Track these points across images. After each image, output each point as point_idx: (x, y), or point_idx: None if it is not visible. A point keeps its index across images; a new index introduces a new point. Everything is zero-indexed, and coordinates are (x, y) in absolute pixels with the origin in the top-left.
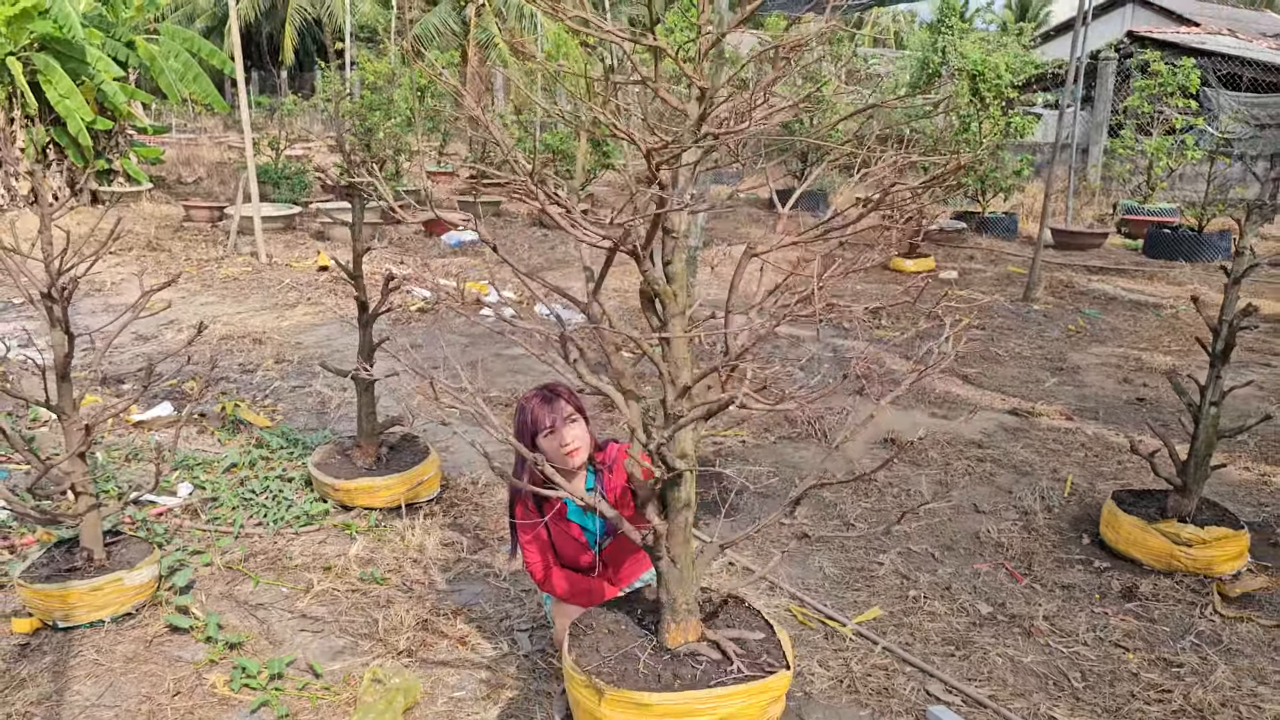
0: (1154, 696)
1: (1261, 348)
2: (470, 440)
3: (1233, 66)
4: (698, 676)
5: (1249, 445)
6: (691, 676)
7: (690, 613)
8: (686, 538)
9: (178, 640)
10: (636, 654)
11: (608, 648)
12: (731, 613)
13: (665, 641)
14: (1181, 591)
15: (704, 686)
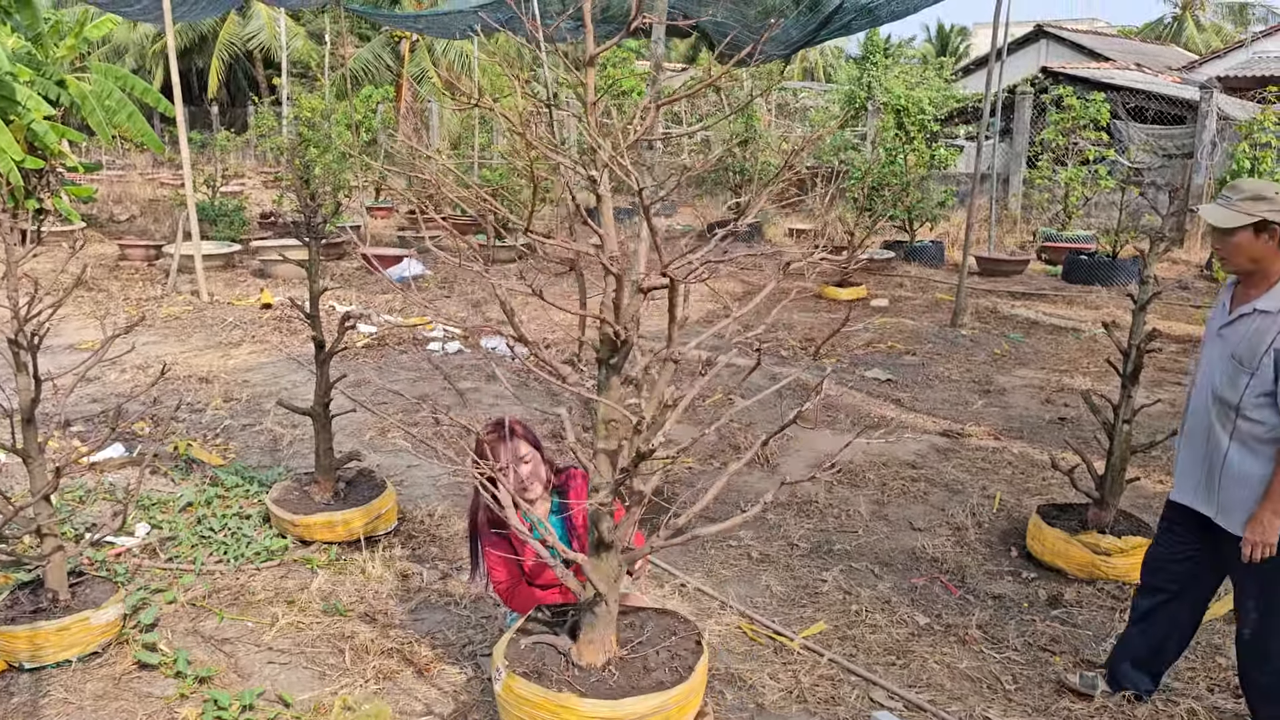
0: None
1: (1174, 367)
2: (426, 474)
3: (1140, 100)
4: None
5: (1162, 460)
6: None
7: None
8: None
9: (146, 677)
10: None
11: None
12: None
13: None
14: (1103, 598)
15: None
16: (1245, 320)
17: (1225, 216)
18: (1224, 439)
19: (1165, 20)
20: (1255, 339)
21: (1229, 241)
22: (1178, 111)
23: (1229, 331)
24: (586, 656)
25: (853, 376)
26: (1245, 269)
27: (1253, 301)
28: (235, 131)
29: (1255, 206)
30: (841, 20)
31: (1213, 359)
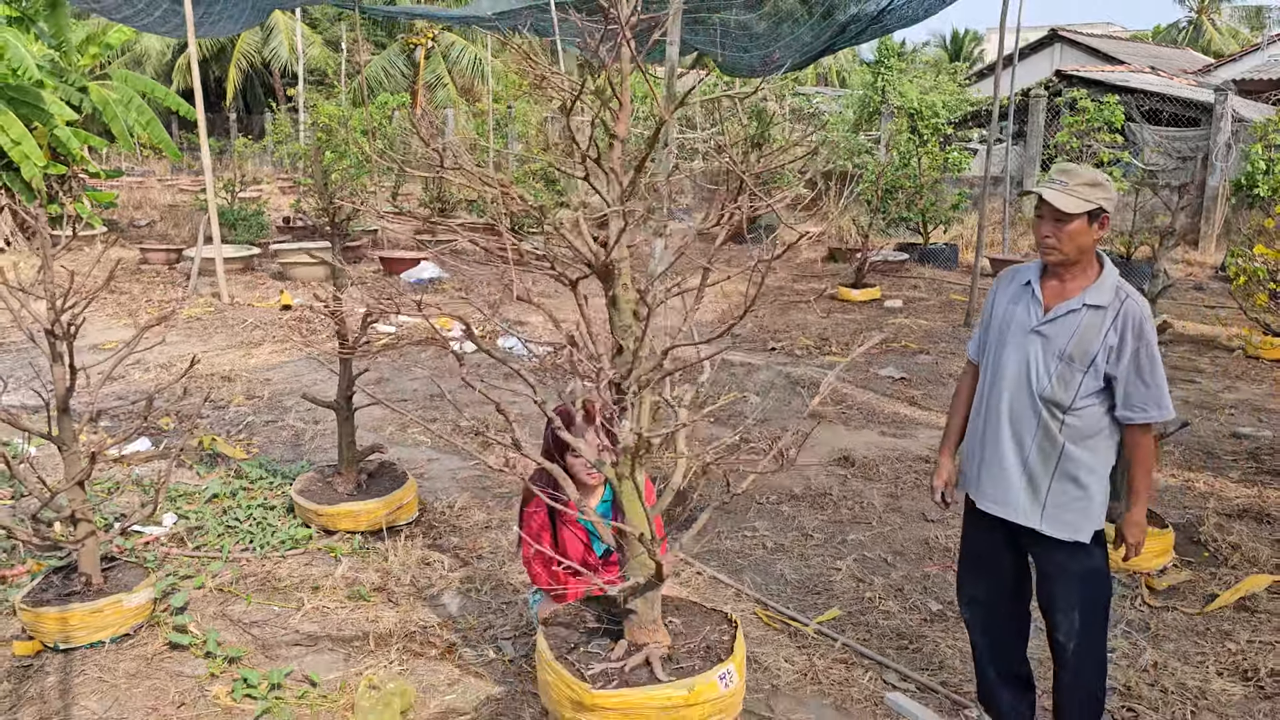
0: None
1: (1185, 365)
2: (445, 467)
3: (1154, 103)
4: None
5: (1174, 455)
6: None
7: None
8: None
9: (177, 657)
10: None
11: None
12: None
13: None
14: (1115, 586)
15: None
16: (1073, 316)
17: (1066, 201)
18: (1057, 440)
19: (1181, 24)
20: (1087, 335)
21: (1063, 228)
22: (1192, 114)
23: (1051, 329)
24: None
25: (866, 375)
26: (1070, 258)
27: (1080, 296)
28: (253, 139)
29: (1092, 193)
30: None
31: (1028, 360)
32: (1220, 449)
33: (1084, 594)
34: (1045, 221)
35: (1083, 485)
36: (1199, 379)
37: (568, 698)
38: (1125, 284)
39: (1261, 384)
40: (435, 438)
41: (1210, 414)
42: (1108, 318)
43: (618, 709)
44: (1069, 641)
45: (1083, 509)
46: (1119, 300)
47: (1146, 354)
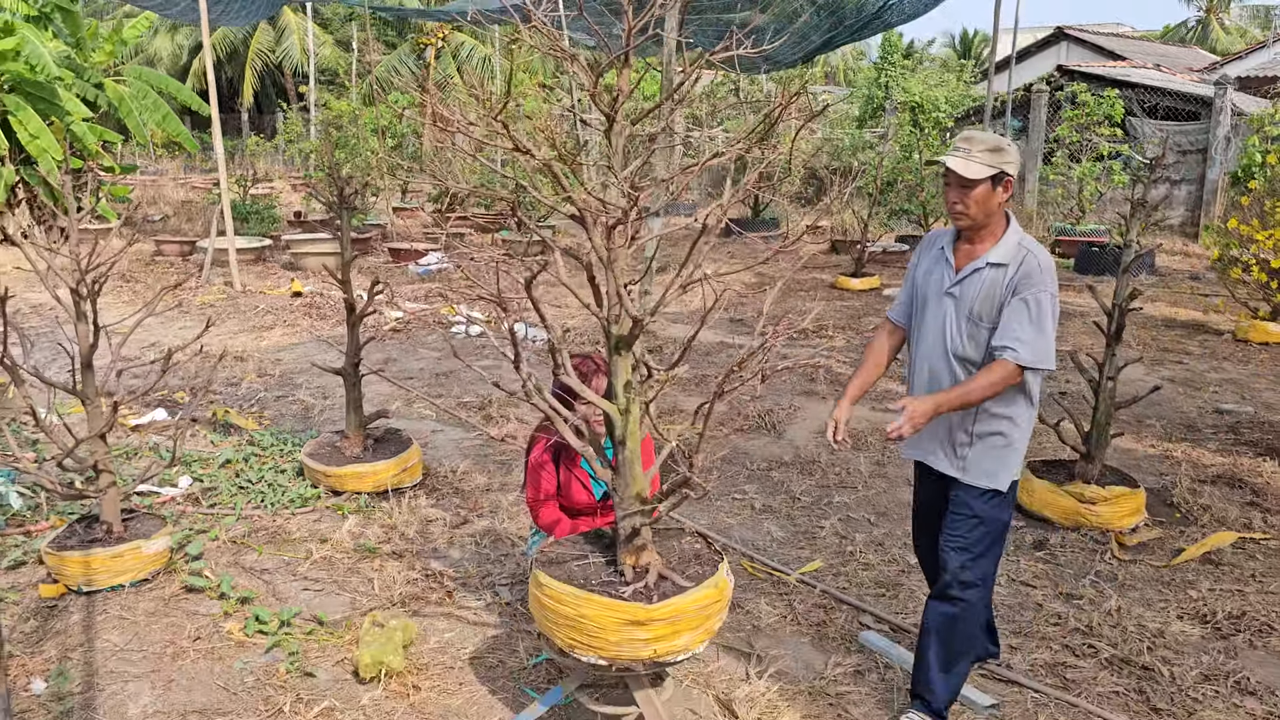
0: (1054, 621)
1: (1176, 348)
2: (449, 438)
3: (1155, 97)
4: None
5: (1155, 427)
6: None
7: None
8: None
9: (193, 598)
10: (586, 558)
11: (566, 552)
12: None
13: (621, 558)
14: (1086, 542)
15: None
16: (977, 275)
17: (970, 167)
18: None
19: (1189, 23)
20: (990, 292)
21: (968, 193)
22: (1192, 108)
23: (960, 290)
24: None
25: (860, 355)
26: (978, 222)
27: (983, 256)
28: (265, 138)
29: (995, 158)
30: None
31: (944, 321)
32: (1202, 423)
33: (982, 537)
34: (952, 188)
35: (1001, 436)
36: (1187, 360)
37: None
38: (1029, 240)
39: (1247, 365)
40: (440, 411)
41: (1195, 391)
42: (1008, 274)
43: (668, 618)
44: (950, 579)
45: (1000, 458)
46: (1020, 256)
47: (1034, 299)
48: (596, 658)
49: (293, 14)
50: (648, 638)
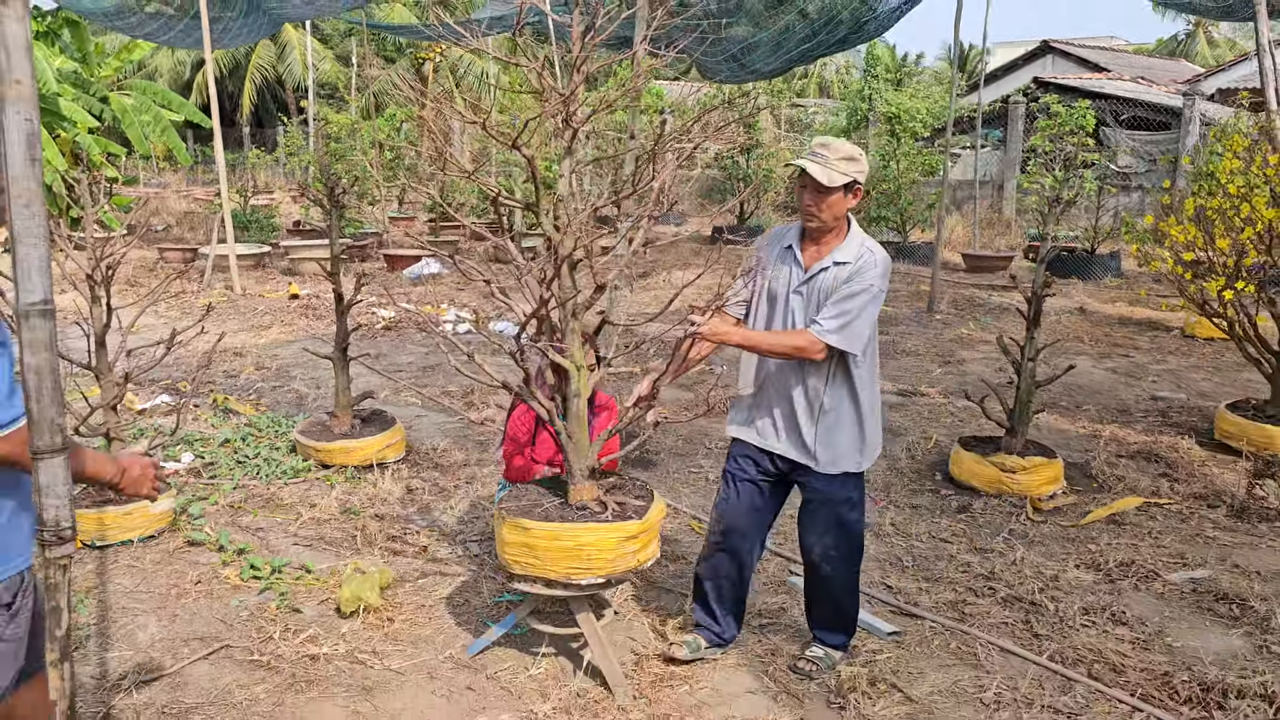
0: (964, 569)
1: (1125, 343)
2: (433, 422)
3: (1128, 108)
4: (572, 518)
5: (1091, 410)
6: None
7: (585, 478)
8: (581, 424)
9: (195, 551)
10: (543, 504)
11: (527, 501)
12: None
13: (568, 498)
14: (1005, 507)
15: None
16: (824, 274)
17: (828, 175)
18: (820, 387)
19: (1179, 36)
20: (834, 289)
21: (824, 199)
22: (1163, 119)
23: (807, 289)
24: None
25: None
26: (828, 225)
27: (830, 256)
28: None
29: (850, 167)
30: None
31: (792, 317)
32: (1136, 408)
33: (833, 520)
34: (808, 192)
35: (848, 423)
36: (1134, 353)
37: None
38: (871, 241)
39: (1189, 358)
40: (425, 399)
41: (1135, 380)
42: (848, 270)
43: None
44: (823, 563)
45: (848, 444)
46: (861, 254)
47: (860, 289)
48: (595, 578)
49: (294, 30)
50: (636, 549)
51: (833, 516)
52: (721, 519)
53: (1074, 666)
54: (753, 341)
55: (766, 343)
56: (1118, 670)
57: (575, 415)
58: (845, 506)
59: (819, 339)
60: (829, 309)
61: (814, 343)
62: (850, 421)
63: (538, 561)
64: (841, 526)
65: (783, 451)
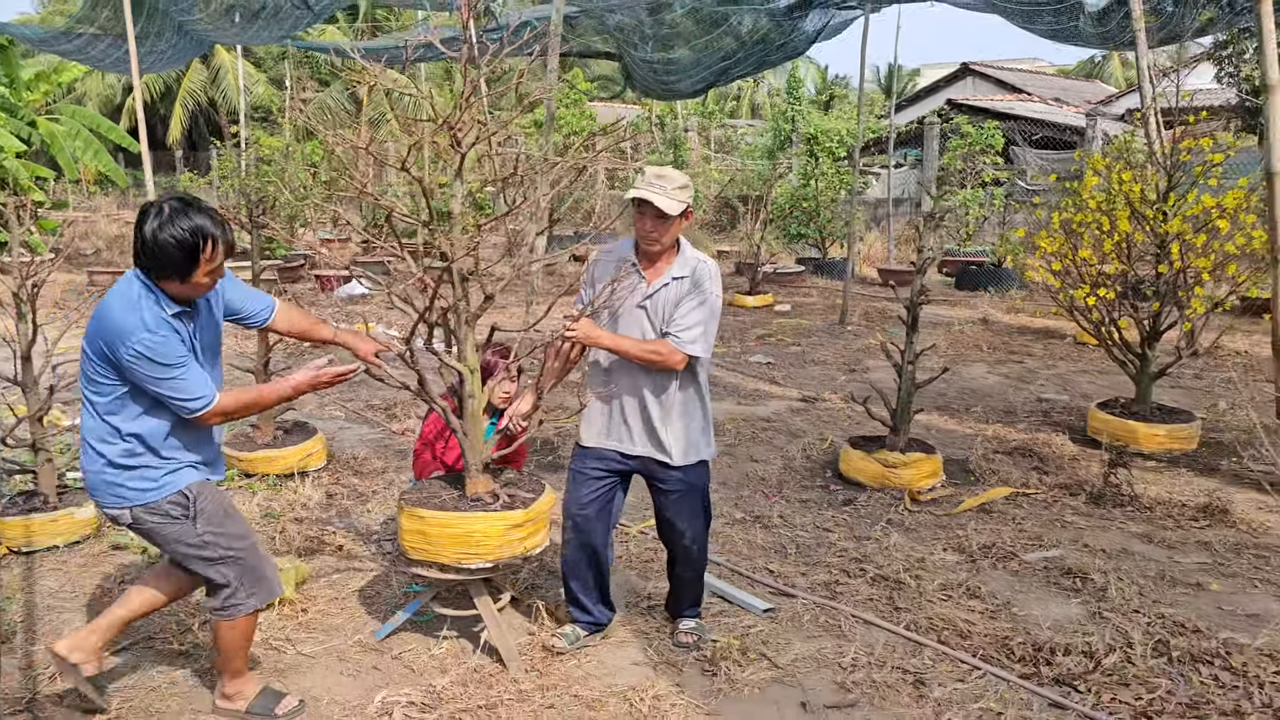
0: (840, 554)
1: (1021, 350)
2: (355, 434)
3: (1037, 128)
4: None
5: (978, 412)
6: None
7: (480, 472)
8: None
9: (119, 555)
10: (441, 495)
11: (428, 493)
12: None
13: (466, 491)
14: (886, 499)
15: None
16: (665, 289)
17: (669, 204)
18: (673, 391)
19: (1096, 59)
20: (675, 301)
21: (665, 225)
22: (1069, 138)
23: (651, 303)
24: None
25: (739, 361)
26: (667, 246)
27: (668, 272)
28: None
29: (683, 194)
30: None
31: (640, 330)
32: (1021, 409)
33: (695, 505)
34: (648, 219)
35: (697, 416)
36: (1028, 360)
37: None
38: (700, 253)
39: (1078, 363)
40: (349, 412)
41: (1025, 385)
42: (686, 283)
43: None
44: (692, 546)
45: (699, 435)
46: (694, 267)
47: (699, 299)
48: (483, 563)
49: (226, 53)
50: (523, 536)
51: (696, 503)
52: (572, 517)
53: (926, 634)
54: (621, 347)
55: (635, 349)
56: (964, 635)
57: (471, 415)
58: (702, 493)
59: (679, 350)
60: (681, 322)
61: (674, 353)
62: (698, 415)
63: (431, 547)
64: (703, 510)
65: (641, 453)
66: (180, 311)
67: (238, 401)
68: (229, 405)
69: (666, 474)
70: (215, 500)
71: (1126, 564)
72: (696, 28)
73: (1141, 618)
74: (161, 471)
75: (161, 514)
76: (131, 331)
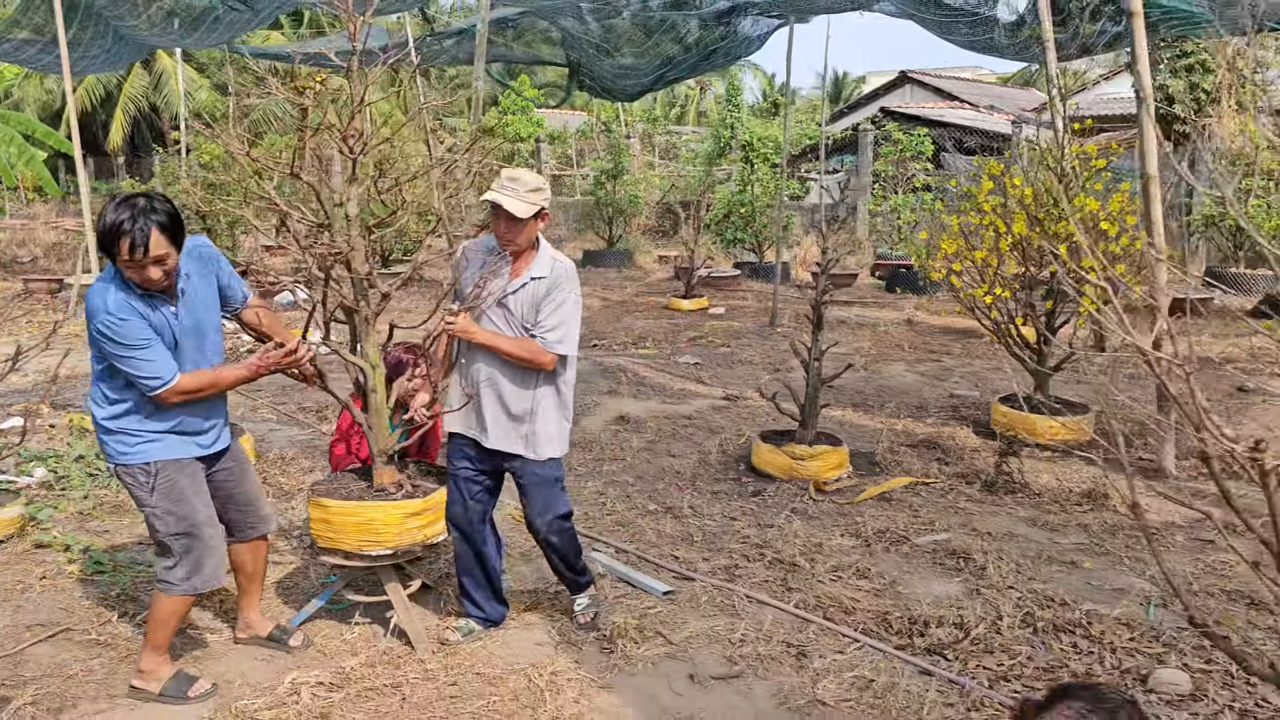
0: (743, 540)
1: (940, 350)
2: (285, 435)
3: (967, 135)
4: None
5: (890, 407)
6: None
7: (385, 463)
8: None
9: (43, 553)
10: (349, 486)
11: (337, 484)
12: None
13: (373, 482)
14: (793, 489)
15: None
16: (525, 289)
17: (522, 208)
18: (533, 388)
19: (1033, 68)
20: (534, 300)
21: (518, 227)
22: (997, 144)
23: (511, 301)
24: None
25: (668, 362)
26: (523, 247)
27: (527, 272)
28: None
29: (536, 196)
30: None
31: (500, 326)
32: (933, 405)
33: (549, 497)
34: (502, 221)
35: (553, 414)
36: (946, 359)
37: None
38: (558, 254)
39: (993, 361)
40: (281, 415)
41: (939, 382)
42: (546, 282)
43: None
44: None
45: (555, 433)
46: (553, 267)
47: (559, 299)
48: (384, 549)
49: (168, 58)
50: (422, 524)
51: (550, 495)
52: (455, 522)
53: (813, 611)
54: (495, 343)
55: (508, 346)
56: (849, 612)
57: (374, 408)
58: (556, 485)
59: (548, 350)
60: (545, 323)
61: (543, 353)
62: (555, 412)
63: (335, 535)
64: (558, 501)
65: (496, 447)
66: (152, 295)
67: (196, 382)
68: (187, 385)
69: (523, 468)
70: (178, 480)
71: (1009, 545)
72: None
73: (1014, 593)
74: (137, 440)
75: (130, 477)
76: (95, 312)
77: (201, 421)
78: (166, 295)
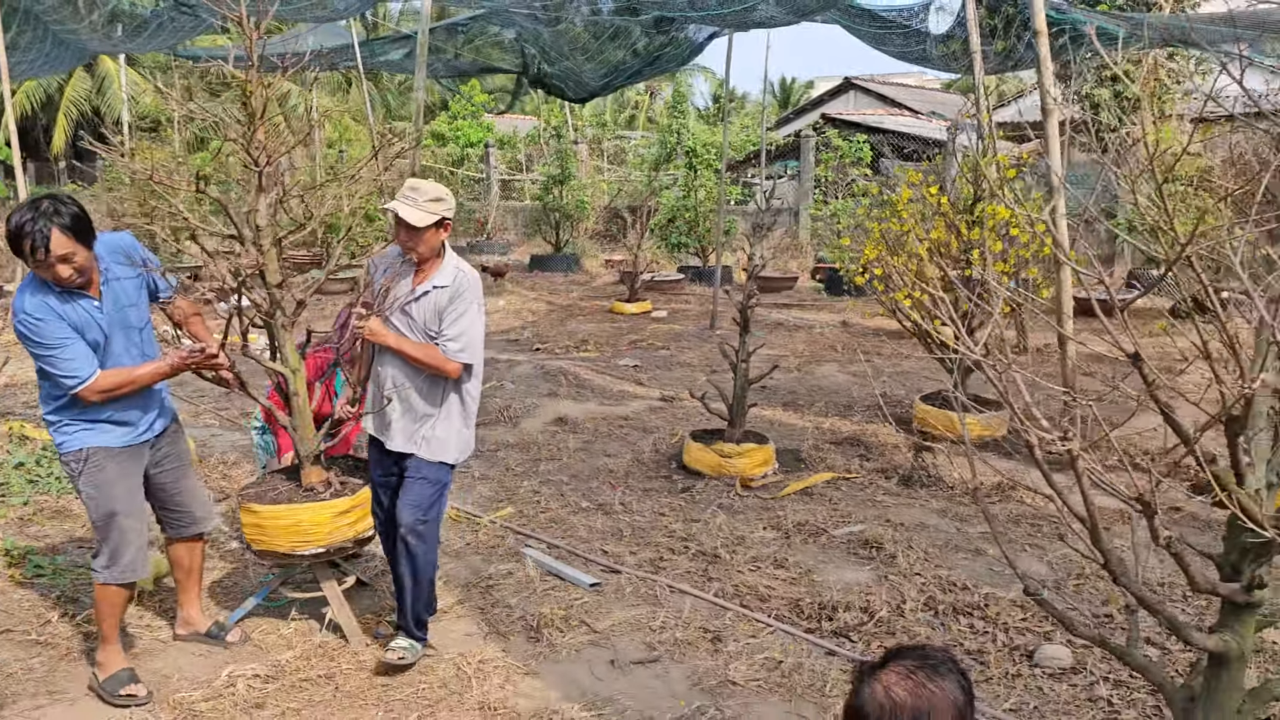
0: (670, 535)
1: (872, 350)
2: (228, 440)
3: (904, 141)
4: (297, 499)
5: (819, 406)
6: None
7: (311, 463)
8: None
9: None
10: (279, 488)
11: (266, 487)
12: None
13: (300, 482)
14: (720, 485)
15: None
16: (427, 296)
17: (420, 217)
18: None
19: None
20: (437, 308)
21: (418, 236)
22: (933, 151)
23: (414, 308)
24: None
25: (608, 365)
26: (426, 256)
27: (430, 280)
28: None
29: (437, 206)
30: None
31: (403, 332)
32: (860, 404)
33: (422, 495)
34: (403, 230)
35: (456, 422)
36: (877, 360)
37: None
38: (463, 263)
39: (921, 362)
40: (224, 420)
41: (870, 382)
42: (449, 292)
43: (362, 504)
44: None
45: (453, 440)
46: (456, 276)
47: (461, 309)
48: (316, 548)
49: (111, 62)
50: (352, 521)
51: (428, 493)
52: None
53: (731, 599)
54: (402, 348)
55: (415, 351)
56: (764, 599)
57: (297, 410)
58: (437, 488)
59: (452, 360)
60: (448, 333)
61: (448, 361)
62: (458, 419)
63: (267, 538)
64: (432, 503)
65: (396, 448)
66: (73, 293)
67: (115, 380)
68: (106, 384)
69: (413, 464)
70: (106, 467)
71: (919, 535)
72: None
73: (920, 579)
74: (73, 428)
75: (67, 466)
76: (15, 312)
77: (133, 412)
78: (88, 292)
